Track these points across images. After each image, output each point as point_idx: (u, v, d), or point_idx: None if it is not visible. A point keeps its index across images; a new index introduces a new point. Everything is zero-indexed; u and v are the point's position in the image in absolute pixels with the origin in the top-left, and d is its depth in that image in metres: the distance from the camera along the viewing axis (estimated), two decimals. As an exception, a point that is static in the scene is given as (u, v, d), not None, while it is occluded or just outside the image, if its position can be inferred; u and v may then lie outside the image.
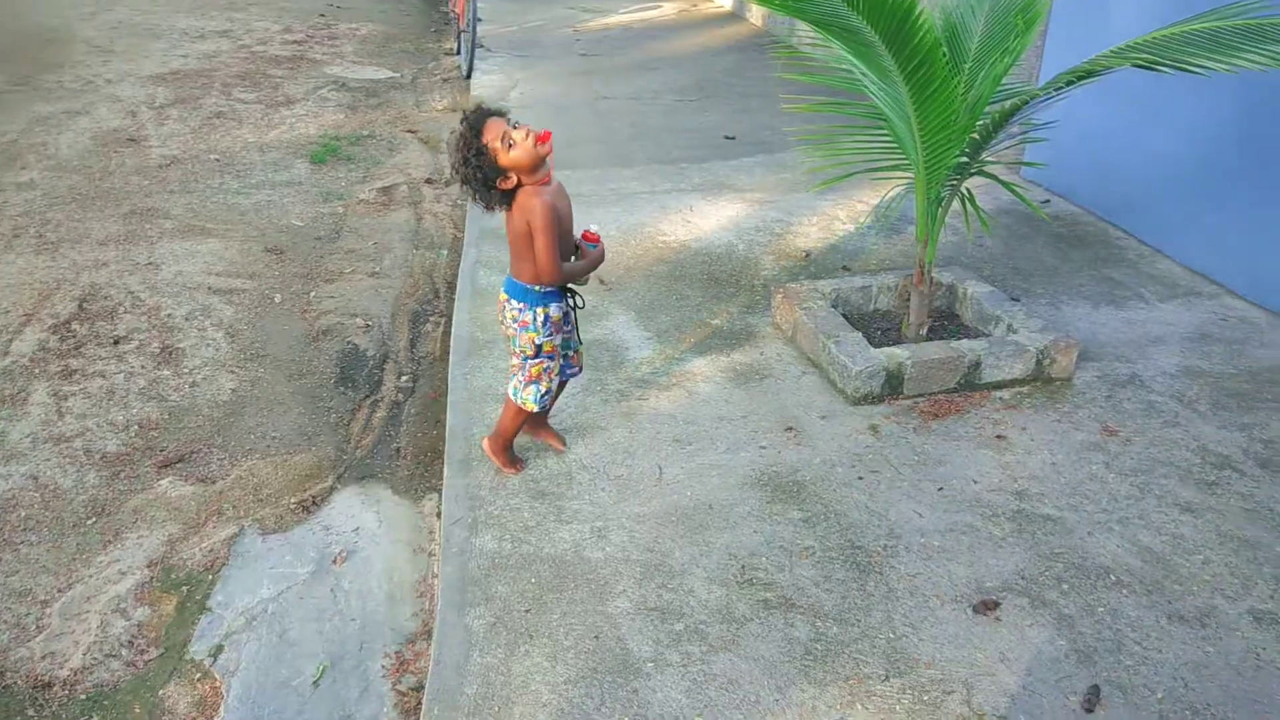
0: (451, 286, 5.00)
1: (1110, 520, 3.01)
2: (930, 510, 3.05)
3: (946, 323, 4.25)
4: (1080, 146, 5.60)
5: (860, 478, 3.21)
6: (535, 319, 2.90)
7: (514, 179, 2.72)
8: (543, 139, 2.65)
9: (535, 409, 3.07)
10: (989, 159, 3.77)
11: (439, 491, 3.33)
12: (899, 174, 3.88)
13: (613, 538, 2.93)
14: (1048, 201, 5.83)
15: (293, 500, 3.27)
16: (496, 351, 4.04)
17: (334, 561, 3.00)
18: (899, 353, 3.68)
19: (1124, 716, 2.33)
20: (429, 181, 6.61)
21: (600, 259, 2.95)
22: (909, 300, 4.32)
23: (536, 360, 2.97)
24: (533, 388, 3.03)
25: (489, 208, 2.76)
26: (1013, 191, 3.71)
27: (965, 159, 3.66)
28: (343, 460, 3.54)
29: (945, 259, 4.92)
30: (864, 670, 2.46)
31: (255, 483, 3.38)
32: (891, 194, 3.95)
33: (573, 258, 2.94)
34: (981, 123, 3.57)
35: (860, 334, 3.86)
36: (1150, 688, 2.41)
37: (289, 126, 7.73)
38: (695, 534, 2.95)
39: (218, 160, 6.86)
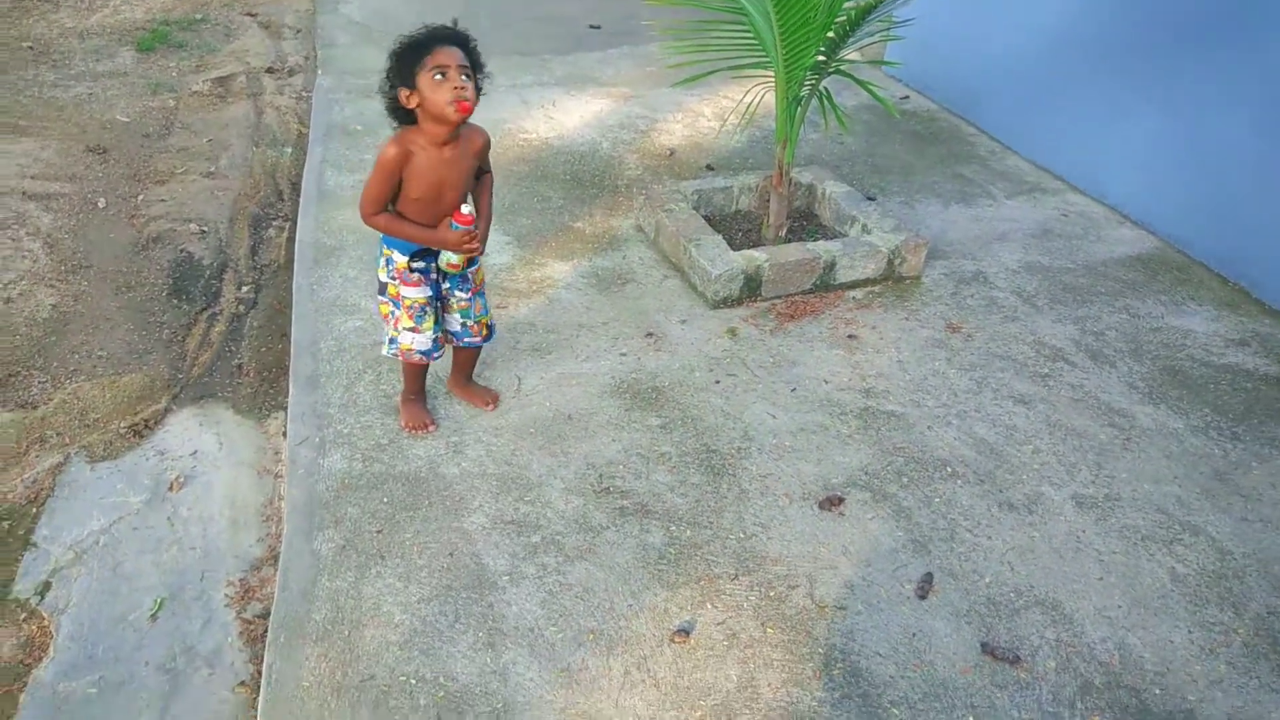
0: (296, 188, 4.71)
1: (949, 415, 3.14)
2: (783, 411, 3.11)
3: (805, 223, 4.28)
4: (936, 43, 5.64)
5: (717, 381, 3.24)
6: (381, 255, 2.72)
7: (414, 103, 2.41)
8: (462, 109, 2.34)
9: (409, 357, 2.81)
10: (848, 57, 3.73)
11: (285, 410, 3.19)
12: (760, 72, 3.81)
13: (469, 452, 2.88)
14: (906, 98, 5.89)
15: (123, 425, 3.07)
16: (345, 259, 3.85)
17: (170, 488, 2.85)
18: (757, 255, 3.69)
19: (954, 601, 2.47)
20: (270, 71, 6.15)
21: (449, 243, 2.57)
22: (770, 201, 4.32)
23: (382, 299, 2.76)
24: (393, 332, 2.78)
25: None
26: (868, 90, 3.69)
27: (823, 58, 3.62)
28: (178, 380, 3.34)
29: (806, 158, 4.93)
30: (715, 570, 2.52)
31: (81, 407, 3.16)
32: (752, 94, 3.88)
33: (450, 221, 2.57)
34: (839, 20, 3.52)
35: (721, 237, 3.84)
36: (980, 573, 2.56)
37: (112, 10, 7.02)
38: (553, 445, 2.92)
39: (31, 49, 6.19)
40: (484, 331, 2.90)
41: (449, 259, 2.65)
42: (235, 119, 5.39)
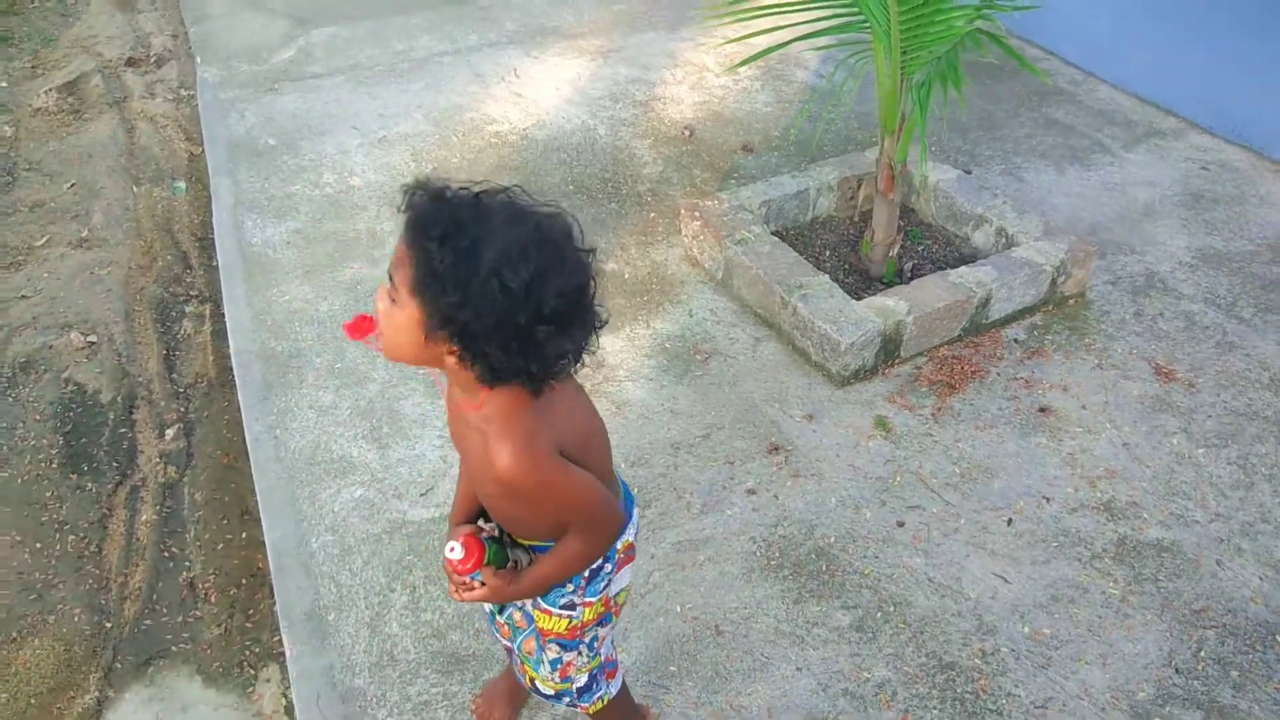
0: (204, 244, 3.47)
1: (1232, 532, 2.25)
2: (1013, 567, 2.17)
3: (902, 221, 3.26)
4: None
5: (901, 524, 2.27)
6: None
7: None
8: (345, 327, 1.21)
9: None
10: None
11: (280, 662, 2.11)
12: (852, 39, 2.73)
13: (593, 734, 1.87)
14: (942, 15, 4.81)
15: (35, 756, 1.96)
16: (309, 372, 2.71)
17: None
18: (894, 306, 2.67)
19: None
20: (132, 63, 4.72)
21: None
22: (853, 200, 3.29)
23: None
24: None
25: None
26: (1017, 59, 2.64)
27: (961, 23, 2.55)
28: (107, 634, 2.21)
29: (858, 117, 3.87)
30: None
31: (-40, 721, 2.03)
32: (853, 68, 2.80)
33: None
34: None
35: (827, 277, 2.81)
36: None
37: (-102, -8, 5.38)
38: (713, 693, 1.93)
39: None
40: (529, 684, 1.62)
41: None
42: (99, 143, 4.03)
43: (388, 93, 4.18)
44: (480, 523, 1.41)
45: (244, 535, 2.44)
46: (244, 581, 2.33)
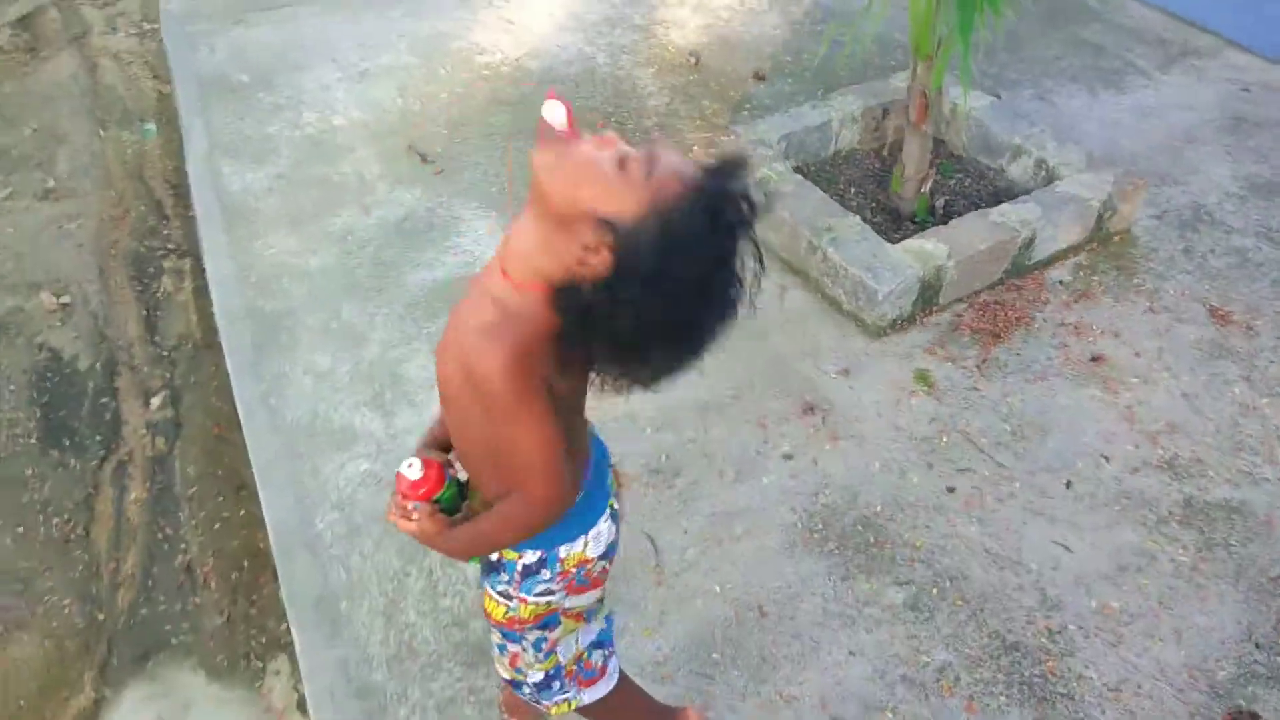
0: (179, 191, 3.22)
1: (1303, 488, 2.11)
2: (1074, 533, 2.03)
3: (931, 154, 3.04)
4: None
5: (951, 490, 2.12)
6: None
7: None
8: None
9: None
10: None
11: (289, 651, 1.96)
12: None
13: (636, 731, 1.73)
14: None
15: (29, 769, 1.81)
16: (302, 331, 2.52)
17: None
18: (933, 250, 2.48)
19: None
20: (91, -7, 4.37)
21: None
22: (878, 131, 3.07)
23: None
24: None
25: None
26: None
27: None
28: (100, 627, 2.04)
29: (877, 39, 3.61)
30: None
31: (-56, 731, 1.87)
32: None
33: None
34: None
35: (857, 218, 2.61)
36: None
37: None
38: (760, 681, 1.80)
39: None
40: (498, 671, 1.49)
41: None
42: (61, 85, 3.73)
43: (367, 20, 3.88)
44: (454, 459, 1.25)
45: (241, 512, 2.26)
46: (245, 564, 2.16)
